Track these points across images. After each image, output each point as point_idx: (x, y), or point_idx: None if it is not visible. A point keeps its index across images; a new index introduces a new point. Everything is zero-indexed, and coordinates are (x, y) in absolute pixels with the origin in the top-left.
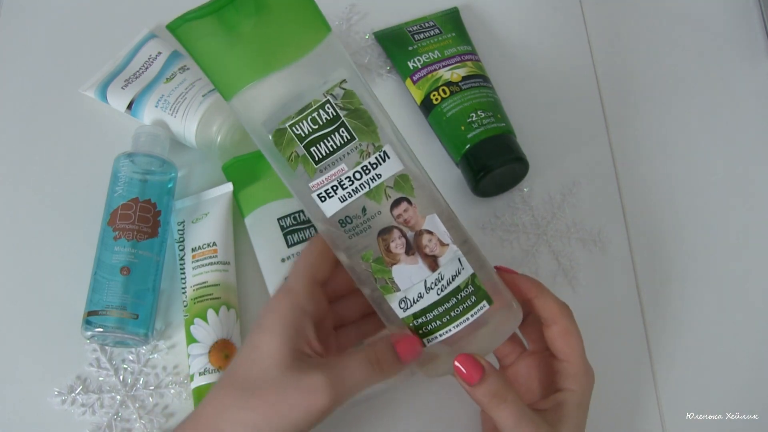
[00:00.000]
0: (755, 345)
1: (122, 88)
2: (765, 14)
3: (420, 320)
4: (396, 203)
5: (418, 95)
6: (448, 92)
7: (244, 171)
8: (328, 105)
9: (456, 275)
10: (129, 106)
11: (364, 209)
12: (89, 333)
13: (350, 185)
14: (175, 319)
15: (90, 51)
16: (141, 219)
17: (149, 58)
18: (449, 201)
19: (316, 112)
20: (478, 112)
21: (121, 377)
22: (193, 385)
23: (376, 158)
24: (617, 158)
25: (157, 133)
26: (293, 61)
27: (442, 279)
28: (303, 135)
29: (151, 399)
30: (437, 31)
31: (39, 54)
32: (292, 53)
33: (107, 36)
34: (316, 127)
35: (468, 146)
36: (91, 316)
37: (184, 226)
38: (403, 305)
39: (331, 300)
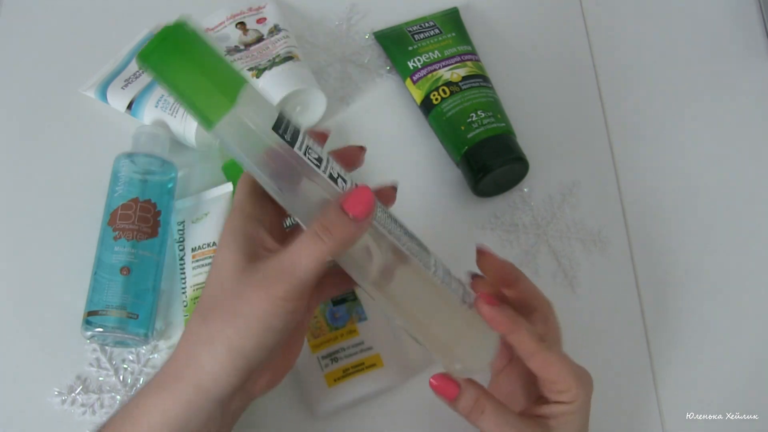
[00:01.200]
0: (755, 345)
1: (122, 88)
2: (765, 14)
3: None
4: None
5: (418, 95)
6: (448, 92)
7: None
8: None
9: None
10: (129, 106)
11: None
12: (89, 333)
13: None
14: (175, 319)
15: (90, 51)
16: (141, 219)
17: None
18: (449, 201)
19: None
20: (478, 112)
21: (121, 377)
22: None
23: None
24: (617, 158)
25: (157, 133)
26: (208, 128)
27: None
28: None
29: None
30: (437, 31)
31: (39, 54)
32: (210, 120)
33: (107, 36)
34: None
35: (468, 146)
36: (91, 316)
37: (184, 226)
38: None
39: None
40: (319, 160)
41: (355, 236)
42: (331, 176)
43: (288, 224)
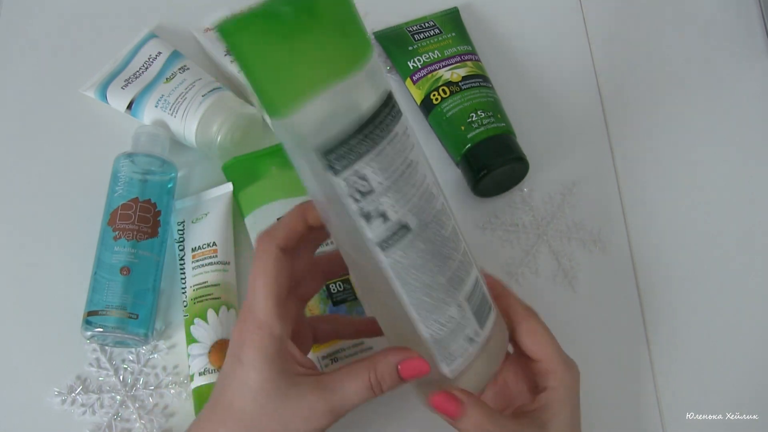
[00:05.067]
0: (755, 345)
1: (122, 88)
2: (765, 14)
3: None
4: None
5: (418, 95)
6: (448, 92)
7: (244, 171)
8: None
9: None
10: (129, 106)
11: None
12: (89, 333)
13: None
14: (175, 319)
15: (90, 51)
16: (141, 219)
17: (149, 58)
18: (449, 201)
19: None
20: (478, 112)
21: (121, 377)
22: (194, 385)
23: None
24: (617, 158)
25: (157, 133)
26: (342, 78)
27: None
28: None
29: (151, 399)
30: (437, 31)
31: (39, 54)
32: (341, 71)
33: (107, 36)
34: None
35: (468, 146)
36: (91, 316)
37: (184, 226)
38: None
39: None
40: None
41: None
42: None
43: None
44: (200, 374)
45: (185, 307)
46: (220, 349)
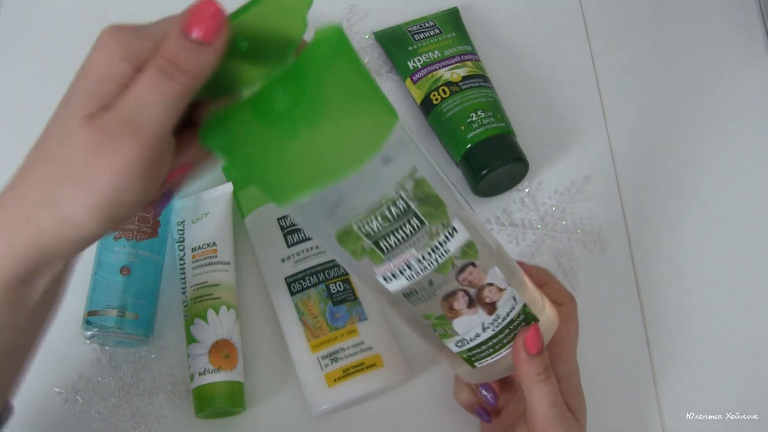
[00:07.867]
0: (755, 345)
1: None
2: (765, 14)
3: (473, 352)
4: (461, 269)
5: (418, 95)
6: (448, 92)
7: None
8: (399, 200)
9: (510, 311)
10: None
11: (431, 282)
12: (89, 333)
13: (418, 265)
14: (175, 319)
15: None
16: (141, 219)
17: None
18: None
19: (387, 209)
20: (478, 112)
21: (121, 377)
22: (193, 385)
23: (445, 236)
24: (617, 158)
25: None
26: (359, 165)
27: (498, 318)
28: (371, 233)
29: (150, 399)
30: (437, 31)
31: (39, 54)
32: (357, 157)
33: None
34: (386, 224)
35: (468, 146)
36: (91, 316)
37: (184, 226)
38: (459, 344)
39: None
40: None
41: (209, 65)
42: None
43: None
44: (200, 374)
45: (185, 307)
46: (219, 349)
